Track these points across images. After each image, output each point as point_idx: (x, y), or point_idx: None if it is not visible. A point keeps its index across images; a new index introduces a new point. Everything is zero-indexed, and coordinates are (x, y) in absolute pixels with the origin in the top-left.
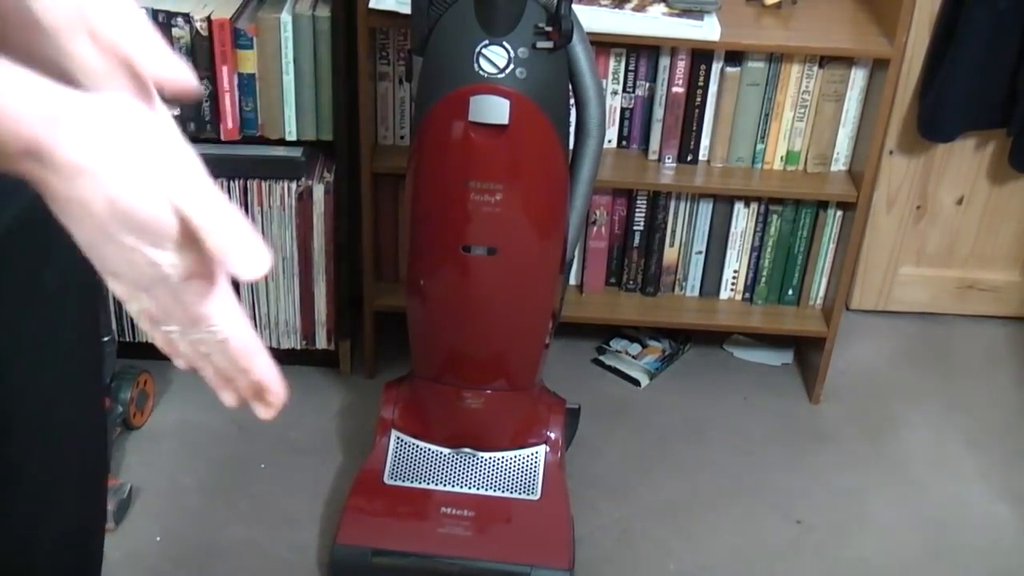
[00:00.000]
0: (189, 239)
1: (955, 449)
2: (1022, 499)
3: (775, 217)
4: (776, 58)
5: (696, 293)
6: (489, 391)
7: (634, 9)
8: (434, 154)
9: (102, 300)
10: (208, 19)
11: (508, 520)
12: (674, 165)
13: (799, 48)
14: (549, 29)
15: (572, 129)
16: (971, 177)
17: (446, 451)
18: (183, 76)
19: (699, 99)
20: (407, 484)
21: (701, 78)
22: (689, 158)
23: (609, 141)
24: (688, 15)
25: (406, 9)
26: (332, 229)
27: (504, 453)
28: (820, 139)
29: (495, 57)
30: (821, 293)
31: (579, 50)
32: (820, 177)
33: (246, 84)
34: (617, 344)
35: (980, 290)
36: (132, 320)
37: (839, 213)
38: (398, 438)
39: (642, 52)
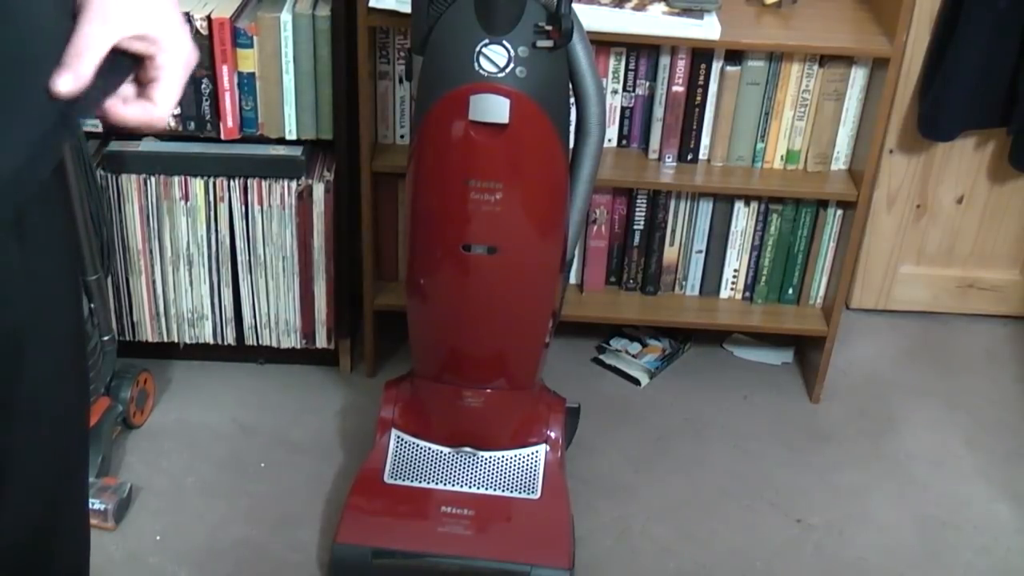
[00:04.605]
0: None
1: (955, 448)
2: (1022, 498)
3: (775, 216)
4: (776, 57)
5: (696, 292)
6: (489, 390)
7: (634, 8)
8: (434, 153)
9: (102, 301)
10: (208, 18)
11: (508, 519)
12: (674, 164)
13: (799, 47)
14: (549, 28)
15: (572, 128)
16: (971, 176)
17: (446, 450)
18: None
19: (699, 98)
20: (407, 483)
21: (701, 77)
22: (689, 157)
23: (609, 140)
24: (688, 14)
25: (406, 8)
26: (332, 228)
27: (504, 452)
28: (820, 138)
29: (495, 56)
30: (821, 292)
31: (579, 49)
32: (820, 176)
33: (246, 83)
34: (617, 343)
35: (980, 289)
36: (132, 320)
37: (839, 212)
38: (398, 437)
39: (642, 51)
